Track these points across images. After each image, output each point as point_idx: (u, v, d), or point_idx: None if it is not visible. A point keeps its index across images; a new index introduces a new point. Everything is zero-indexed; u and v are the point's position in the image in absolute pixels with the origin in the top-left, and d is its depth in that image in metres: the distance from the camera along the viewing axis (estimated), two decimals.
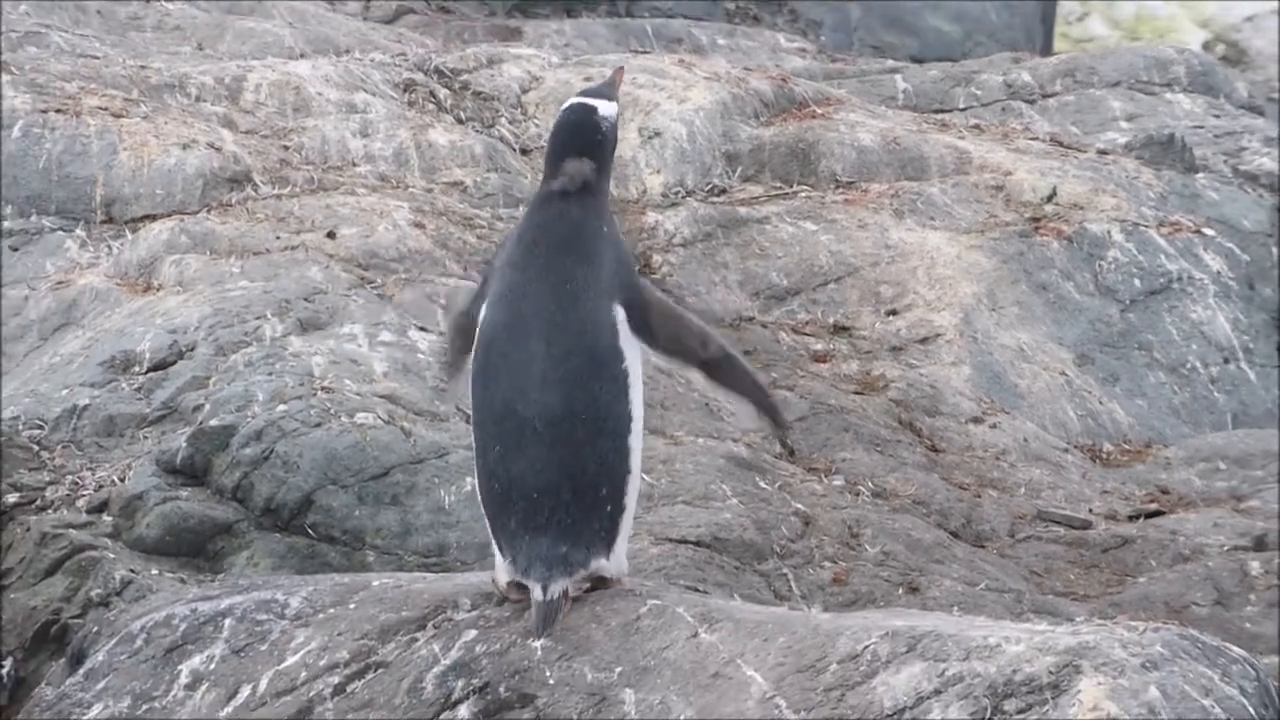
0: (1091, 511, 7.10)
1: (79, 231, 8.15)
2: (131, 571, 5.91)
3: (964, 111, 11.22)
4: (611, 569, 4.40)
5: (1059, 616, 5.87)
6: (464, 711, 4.22)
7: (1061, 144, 10.05)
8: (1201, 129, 10.90)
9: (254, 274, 7.55)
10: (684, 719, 4.07)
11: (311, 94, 9.24)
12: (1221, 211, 9.49)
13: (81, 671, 4.62)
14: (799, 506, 6.57)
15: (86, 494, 6.33)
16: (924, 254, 8.67)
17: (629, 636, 4.26)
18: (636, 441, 4.39)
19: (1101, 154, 9.90)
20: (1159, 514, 7.11)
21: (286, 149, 8.81)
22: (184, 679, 4.48)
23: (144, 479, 6.30)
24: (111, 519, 6.20)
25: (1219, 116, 11.28)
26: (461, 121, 9.43)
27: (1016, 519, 6.97)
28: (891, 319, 8.34)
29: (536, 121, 9.53)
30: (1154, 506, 7.20)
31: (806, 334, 8.19)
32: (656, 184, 9.17)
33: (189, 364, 6.83)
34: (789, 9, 15.50)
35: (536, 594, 4.31)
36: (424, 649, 4.37)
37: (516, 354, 4.35)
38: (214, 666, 4.48)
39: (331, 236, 7.94)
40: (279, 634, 4.52)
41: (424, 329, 7.11)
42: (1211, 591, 6.45)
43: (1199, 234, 9.16)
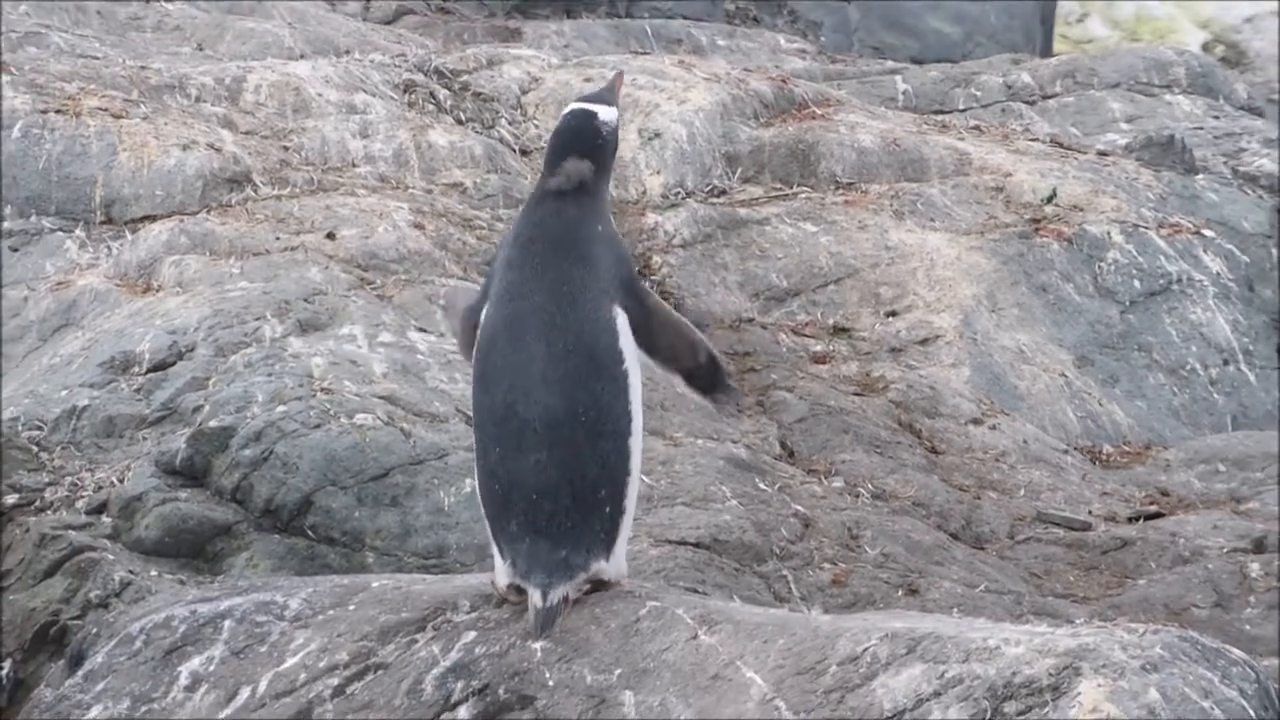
0: (1091, 513, 7.10)
1: (79, 232, 8.14)
2: (131, 573, 5.91)
3: (964, 113, 11.22)
4: (611, 571, 4.39)
5: (1059, 618, 5.87)
6: (463, 713, 4.22)
7: (1061, 145, 10.05)
8: (1201, 130, 10.91)
9: (254, 275, 7.55)
10: None
11: (311, 95, 9.23)
12: (1221, 213, 9.49)
13: (81, 673, 4.61)
14: (798, 508, 6.56)
15: (86, 495, 6.32)
16: (924, 255, 8.67)
17: (628, 638, 4.26)
18: (637, 443, 4.39)
19: (1101, 155, 9.90)
20: (1159, 516, 7.11)
21: (286, 150, 8.81)
22: (183, 680, 4.48)
23: (143, 480, 6.29)
24: (111, 520, 6.20)
25: (1219, 118, 11.29)
26: (461, 122, 9.43)
27: (1016, 520, 6.96)
28: (891, 320, 8.33)
29: (536, 122, 9.53)
30: (1154, 508, 7.19)
31: (806, 335, 8.19)
32: (656, 185, 9.16)
33: (188, 365, 6.83)
34: (789, 10, 15.50)
35: (536, 600, 4.30)
36: (423, 650, 4.37)
37: (516, 355, 4.34)
38: (213, 668, 4.48)
39: (331, 237, 7.94)
40: (278, 635, 4.51)
41: (423, 330, 7.11)
42: (1211, 593, 6.44)
43: (1199, 235, 9.16)
